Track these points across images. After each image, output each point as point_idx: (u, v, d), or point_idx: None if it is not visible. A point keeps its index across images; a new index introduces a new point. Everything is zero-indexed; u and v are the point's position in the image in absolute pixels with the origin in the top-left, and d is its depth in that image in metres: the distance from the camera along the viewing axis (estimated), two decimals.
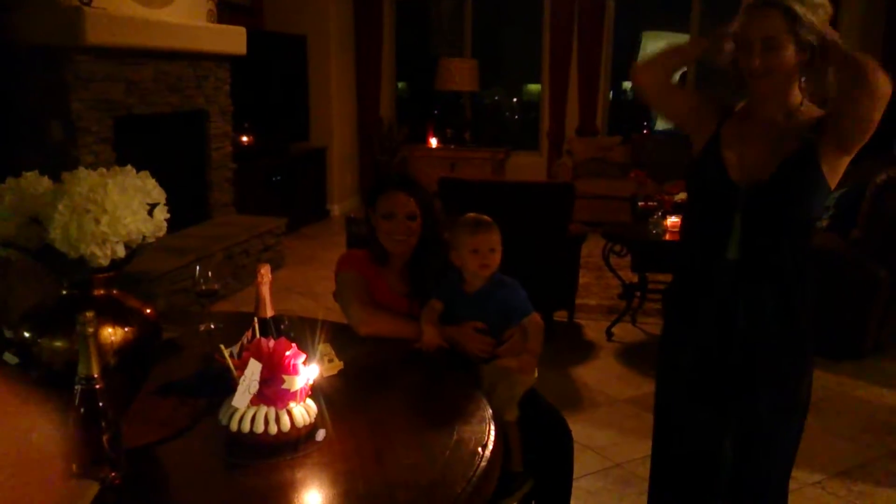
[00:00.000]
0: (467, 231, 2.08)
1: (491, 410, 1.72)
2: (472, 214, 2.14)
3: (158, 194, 1.64)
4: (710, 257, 1.87)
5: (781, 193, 1.77)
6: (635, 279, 4.58)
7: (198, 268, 2.13)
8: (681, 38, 8.77)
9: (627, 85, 10.38)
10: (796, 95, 1.80)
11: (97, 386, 1.32)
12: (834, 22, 1.78)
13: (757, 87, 1.79)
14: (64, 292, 1.57)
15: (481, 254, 2.06)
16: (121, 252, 1.52)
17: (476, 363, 2.07)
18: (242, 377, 1.49)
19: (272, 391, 1.50)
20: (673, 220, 4.20)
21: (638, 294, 4.57)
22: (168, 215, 1.64)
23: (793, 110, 1.80)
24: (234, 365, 1.55)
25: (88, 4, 4.15)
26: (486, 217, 2.13)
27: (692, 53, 2.00)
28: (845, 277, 3.96)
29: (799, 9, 1.70)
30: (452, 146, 8.03)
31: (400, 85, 8.86)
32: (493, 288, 2.09)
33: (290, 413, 1.50)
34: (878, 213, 3.99)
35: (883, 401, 3.66)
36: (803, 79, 1.80)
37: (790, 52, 1.72)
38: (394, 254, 2.28)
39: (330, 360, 1.86)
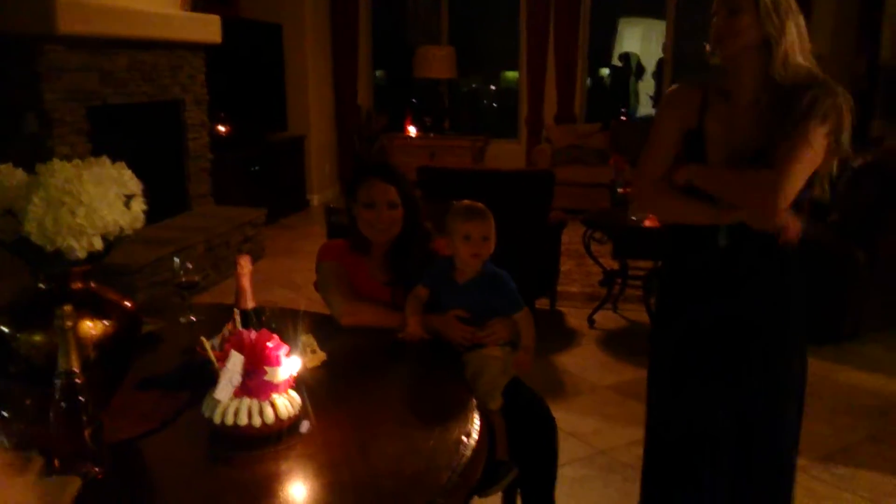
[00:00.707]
0: (460, 217, 2.05)
1: (475, 399, 1.71)
2: (466, 201, 2.10)
3: (135, 185, 1.62)
4: (701, 246, 1.88)
5: None
6: (616, 266, 4.60)
7: (177, 259, 2.10)
8: (658, 27, 8.80)
9: (605, 71, 10.40)
10: (771, 72, 1.80)
11: (77, 380, 1.31)
12: (808, 5, 1.80)
13: (724, 51, 1.82)
14: (41, 286, 1.54)
15: (473, 241, 2.03)
16: (98, 244, 1.49)
17: (459, 352, 2.06)
18: (224, 369, 1.47)
19: (255, 383, 1.48)
20: None
21: (619, 281, 4.59)
22: (145, 206, 1.62)
23: (770, 85, 1.80)
24: (215, 357, 1.53)
25: None
26: (480, 205, 2.09)
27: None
28: (824, 261, 3.99)
29: None
30: (431, 134, 8.01)
31: (378, 73, 8.82)
32: (484, 279, 2.07)
33: (273, 405, 1.49)
34: (856, 197, 4.02)
35: (863, 384, 3.71)
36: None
37: (752, 19, 1.77)
38: (375, 243, 2.27)
39: (313, 351, 1.85)
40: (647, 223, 4.17)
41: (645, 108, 10.59)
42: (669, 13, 7.90)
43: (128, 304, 1.62)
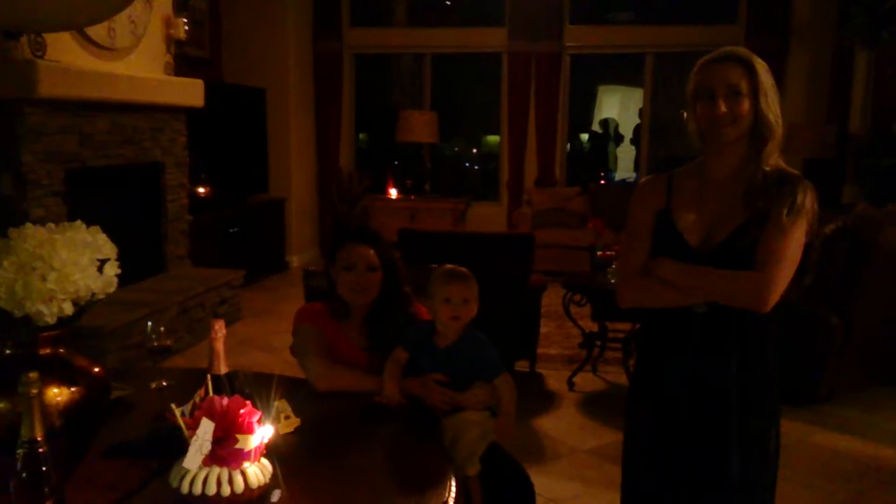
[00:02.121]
0: (441, 280, 2.06)
1: (453, 466, 1.68)
2: (449, 265, 2.12)
3: (109, 250, 1.61)
4: (679, 311, 1.87)
5: (737, 257, 1.78)
6: (595, 328, 4.60)
7: (149, 324, 2.07)
8: (636, 94, 9.01)
9: (585, 137, 10.59)
10: (750, 158, 1.82)
11: (40, 450, 1.27)
12: (781, 76, 1.84)
13: (721, 137, 1.79)
14: (8, 351, 1.51)
15: (453, 304, 2.03)
16: (68, 309, 1.47)
17: (438, 416, 2.04)
18: (194, 437, 1.44)
19: (226, 451, 1.45)
20: None
21: (598, 343, 4.58)
22: (119, 271, 1.61)
23: (747, 170, 1.81)
24: (185, 424, 1.50)
25: (42, 57, 4.12)
26: (463, 269, 2.11)
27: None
28: (799, 324, 4.02)
29: (755, 62, 1.76)
30: (413, 196, 8.06)
31: (360, 136, 8.92)
32: (465, 344, 2.07)
33: (244, 473, 1.46)
34: (829, 262, 4.07)
35: (839, 447, 3.69)
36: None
37: (749, 105, 1.76)
38: (354, 307, 2.26)
39: (286, 417, 1.82)
40: None
41: (623, 172, 10.76)
42: (647, 81, 8.10)
43: (96, 369, 1.59)
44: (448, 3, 9.14)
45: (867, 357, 4.29)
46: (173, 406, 1.52)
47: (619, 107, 12.17)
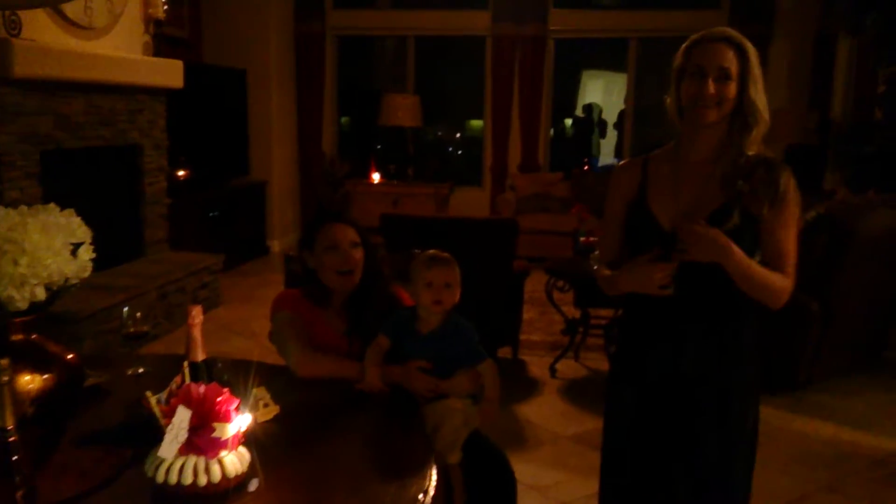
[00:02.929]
0: (423, 264, 2.03)
1: (434, 454, 1.67)
2: (432, 250, 2.09)
3: (84, 233, 1.57)
4: (656, 299, 1.86)
5: None
6: (578, 314, 4.60)
7: (125, 309, 2.03)
8: (619, 79, 8.99)
9: (569, 122, 10.57)
10: (730, 140, 1.80)
11: (11, 438, 1.24)
12: (764, 62, 1.82)
13: (700, 118, 1.77)
14: None
15: (435, 288, 2.00)
16: (41, 294, 1.44)
17: (420, 404, 2.02)
18: (170, 425, 1.41)
19: (202, 440, 1.42)
20: None
21: (581, 330, 4.58)
22: (94, 255, 1.57)
23: (726, 155, 1.80)
24: (161, 412, 1.47)
25: (17, 36, 4.03)
26: (445, 254, 2.08)
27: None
28: (779, 311, 4.03)
29: (748, 46, 1.74)
30: (395, 181, 8.02)
31: (343, 119, 8.84)
32: (448, 331, 2.04)
33: (220, 462, 1.43)
34: (808, 249, 4.08)
35: (818, 433, 3.72)
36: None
37: (736, 90, 1.75)
38: (336, 291, 2.23)
39: (265, 405, 1.79)
40: None
41: (607, 158, 10.76)
42: (630, 66, 8.08)
43: (70, 356, 1.56)
44: None
45: (846, 343, 4.33)
46: (148, 394, 1.49)
47: (602, 92, 12.15)
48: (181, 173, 6.36)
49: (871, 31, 5.72)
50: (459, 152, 9.80)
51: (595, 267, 2.11)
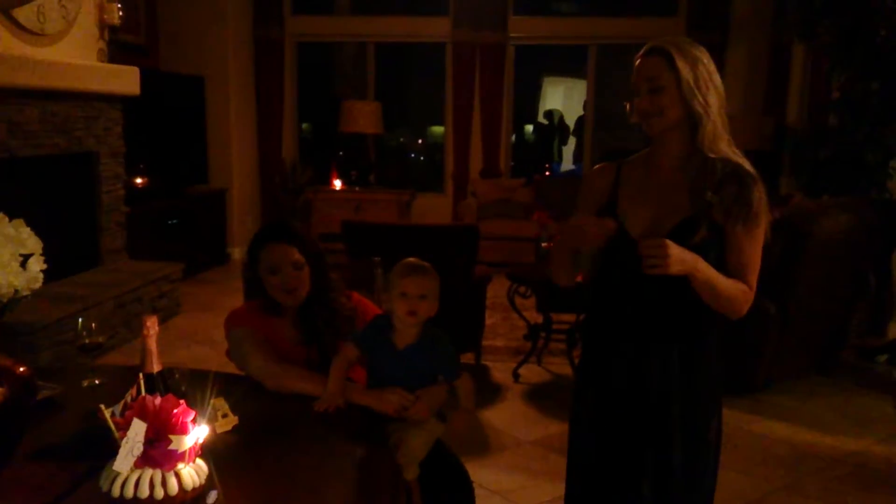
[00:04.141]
0: (399, 274, 1.97)
1: (394, 469, 1.65)
2: (411, 259, 2.03)
3: (34, 244, 1.54)
4: (621, 305, 1.87)
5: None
6: (540, 319, 4.62)
7: (80, 320, 1.99)
8: (580, 85, 9.07)
9: (529, 128, 10.64)
10: (696, 146, 1.81)
11: None
12: (720, 69, 1.83)
13: (651, 130, 1.80)
14: None
15: (410, 299, 1.94)
16: None
17: (383, 418, 1.97)
18: (125, 438, 1.38)
19: (158, 452, 1.40)
20: None
21: (543, 334, 4.60)
22: (44, 266, 1.54)
23: (693, 160, 1.81)
24: (116, 425, 1.44)
25: None
26: (424, 263, 2.02)
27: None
28: None
29: (675, 53, 1.75)
30: (357, 188, 7.98)
31: (304, 126, 8.78)
32: (425, 345, 1.99)
33: (178, 475, 1.40)
34: (766, 253, 4.15)
35: (777, 434, 3.78)
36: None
37: (674, 96, 1.75)
38: (285, 305, 2.20)
39: (224, 415, 1.77)
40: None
41: (568, 163, 10.84)
42: (590, 73, 8.16)
43: (21, 369, 1.52)
44: None
45: (804, 345, 4.40)
46: (102, 406, 1.46)
47: (563, 98, 12.26)
48: (139, 181, 6.27)
49: (824, 39, 5.84)
50: (421, 158, 9.82)
51: (543, 245, 2.11)
